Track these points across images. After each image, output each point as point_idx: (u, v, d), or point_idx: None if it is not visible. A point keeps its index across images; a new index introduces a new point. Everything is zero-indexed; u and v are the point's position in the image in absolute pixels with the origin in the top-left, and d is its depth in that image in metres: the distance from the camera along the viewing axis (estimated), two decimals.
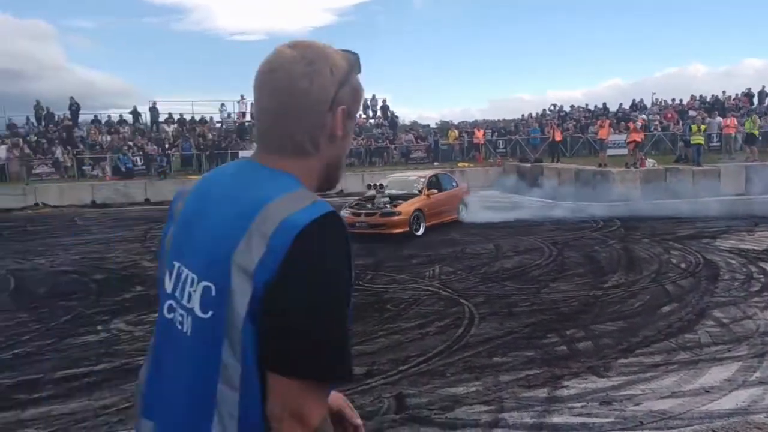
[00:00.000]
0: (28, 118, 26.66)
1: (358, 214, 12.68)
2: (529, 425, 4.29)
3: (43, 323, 7.08)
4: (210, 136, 26.81)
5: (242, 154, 25.16)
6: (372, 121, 30.93)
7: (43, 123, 26.49)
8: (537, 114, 33.37)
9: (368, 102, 30.87)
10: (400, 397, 4.76)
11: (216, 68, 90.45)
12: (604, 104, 32.67)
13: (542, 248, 10.99)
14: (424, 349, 5.88)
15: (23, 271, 10.24)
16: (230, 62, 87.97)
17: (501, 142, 28.36)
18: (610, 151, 22.59)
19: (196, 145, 25.77)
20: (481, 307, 7.31)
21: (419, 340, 6.19)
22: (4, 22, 72.11)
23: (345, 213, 12.23)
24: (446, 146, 27.88)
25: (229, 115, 29.90)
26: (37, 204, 20.02)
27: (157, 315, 1.29)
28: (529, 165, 23.48)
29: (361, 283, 8.72)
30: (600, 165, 20.31)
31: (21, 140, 24.20)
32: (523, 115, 32.15)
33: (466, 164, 25.84)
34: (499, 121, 34.26)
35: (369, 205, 13.26)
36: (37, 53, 78.47)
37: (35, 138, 24.71)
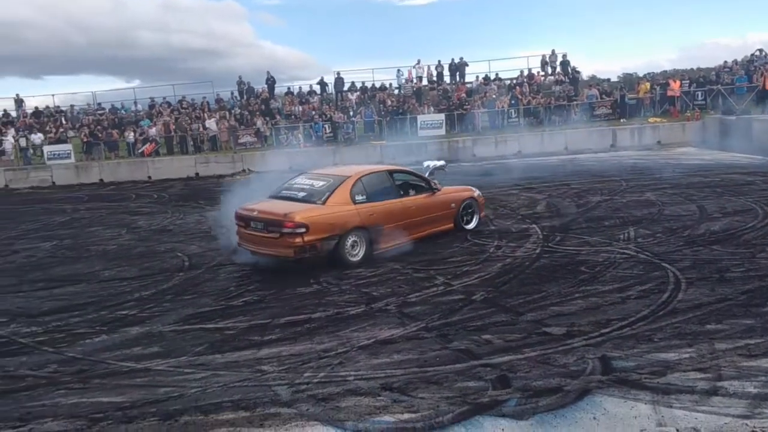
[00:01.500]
0: (232, 93, 29.63)
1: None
2: (753, 395, 4.02)
3: (262, 274, 8.03)
4: (389, 102, 27.66)
5: (420, 118, 25.69)
6: (551, 77, 29.61)
7: (244, 96, 29.27)
8: (742, 59, 29.44)
9: (546, 58, 29.58)
10: (605, 359, 4.70)
11: (391, 35, 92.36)
12: None
13: (755, 209, 9.90)
14: (625, 313, 5.71)
15: None
16: (404, 28, 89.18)
17: (699, 93, 25.58)
18: None
19: (377, 111, 26.77)
20: (688, 271, 6.85)
21: (619, 303, 6.00)
22: (203, 6, 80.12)
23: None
24: (634, 101, 25.85)
25: (406, 80, 30.52)
26: (244, 170, 22.37)
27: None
28: (734, 117, 20.96)
29: (550, 244, 8.61)
30: None
31: (227, 113, 27.04)
32: (726, 62, 28.55)
33: (658, 119, 23.79)
34: (695, 70, 30.84)
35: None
36: (232, 33, 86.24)
37: (239, 110, 27.42)
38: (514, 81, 28.70)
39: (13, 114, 29.56)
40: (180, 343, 5.70)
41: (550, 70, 29.79)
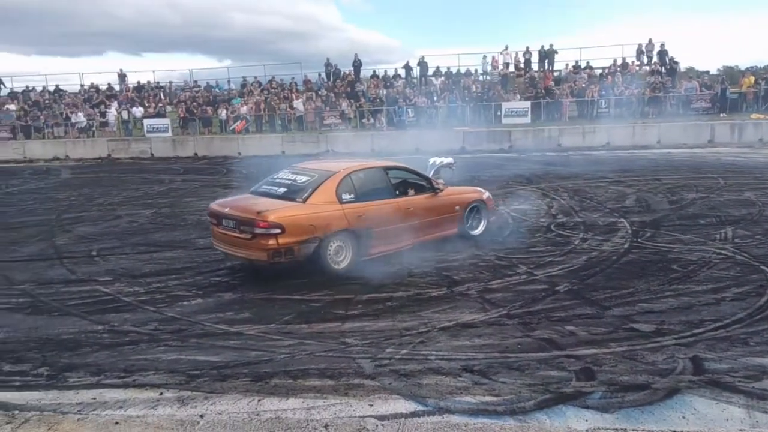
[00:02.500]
0: (319, 74, 30.20)
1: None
2: None
3: None
4: (474, 88, 27.35)
5: (505, 105, 25.25)
6: (647, 67, 28.26)
7: (331, 78, 29.77)
8: None
9: (643, 47, 28.23)
10: (697, 360, 4.55)
11: (479, 21, 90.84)
12: None
13: None
14: (720, 314, 5.47)
15: None
16: (493, 14, 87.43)
17: None
18: None
19: (461, 97, 26.54)
20: None
21: (714, 305, 5.76)
22: None
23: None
24: (736, 95, 24.30)
25: (492, 66, 30.02)
26: (327, 151, 22.84)
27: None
28: None
29: (639, 240, 8.33)
30: None
31: (314, 94, 27.62)
32: None
33: (761, 116, 22.28)
34: None
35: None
36: (318, 15, 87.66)
37: (325, 92, 27.94)
38: (606, 70, 27.63)
39: (116, 88, 31.42)
40: (269, 311, 5.98)
41: (645, 60, 28.46)
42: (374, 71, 30.52)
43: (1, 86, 32.00)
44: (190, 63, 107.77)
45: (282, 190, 7.33)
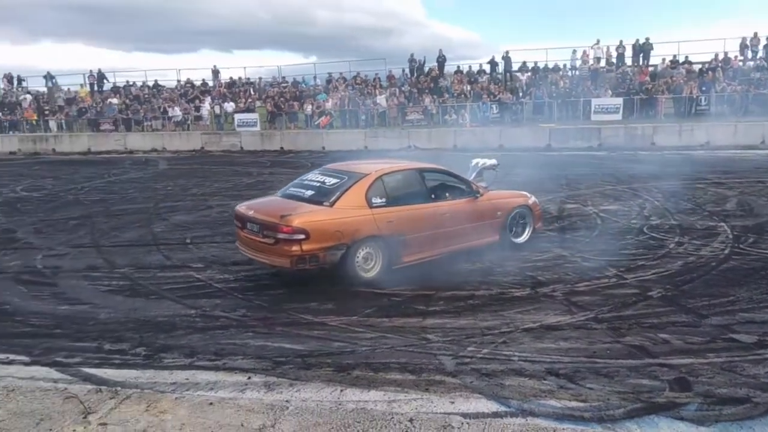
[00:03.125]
0: (403, 70, 30.29)
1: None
2: None
3: None
4: (562, 83, 26.54)
5: (595, 102, 24.35)
6: (751, 63, 26.40)
7: (414, 74, 29.78)
8: None
9: (747, 41, 26.36)
10: None
11: (568, 15, 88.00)
12: None
13: None
14: None
15: None
16: (583, 7, 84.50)
17: None
18: None
19: (548, 92, 25.83)
20: None
21: None
22: None
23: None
24: None
25: (582, 61, 29.00)
26: (410, 146, 22.89)
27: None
28: None
29: (741, 246, 7.81)
30: None
31: (397, 90, 27.73)
32: None
33: None
34: None
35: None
36: (401, 11, 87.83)
37: (408, 88, 27.99)
38: (706, 65, 26.03)
39: (210, 83, 32.86)
40: (351, 303, 6.07)
41: (750, 55, 26.59)
42: (458, 66, 30.24)
43: (105, 81, 34.25)
44: (278, 60, 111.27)
45: (309, 192, 6.97)
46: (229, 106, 28.96)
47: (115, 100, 31.30)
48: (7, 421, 3.38)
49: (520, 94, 26.07)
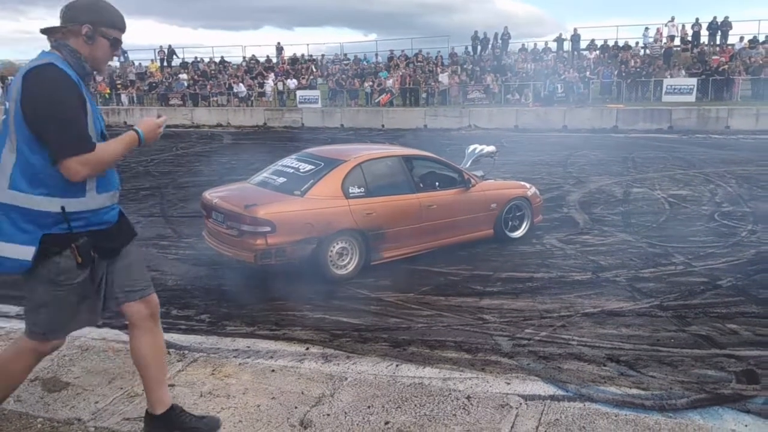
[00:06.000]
0: (466, 47, 29.84)
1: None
2: None
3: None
4: (632, 62, 25.52)
5: (666, 82, 23.33)
6: None
7: (477, 52, 29.28)
8: None
9: None
10: None
11: None
12: None
13: None
14: None
15: None
16: None
17: None
18: None
19: (618, 72, 24.91)
20: None
21: None
22: None
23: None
24: None
25: (655, 39, 27.76)
26: (470, 126, 22.62)
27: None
28: None
29: None
30: None
31: (459, 68, 27.36)
32: None
33: None
34: None
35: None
36: None
37: (470, 66, 27.57)
38: None
39: (274, 60, 33.32)
40: (408, 281, 6.10)
41: None
42: (523, 44, 29.54)
43: (174, 57, 35.27)
44: (338, 37, 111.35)
45: (281, 180, 6.45)
46: (292, 83, 29.34)
47: (183, 76, 32.23)
48: (82, 378, 3.59)
49: (587, 73, 25.23)
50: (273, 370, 3.67)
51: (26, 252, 2.43)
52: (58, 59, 2.46)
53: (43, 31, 2.57)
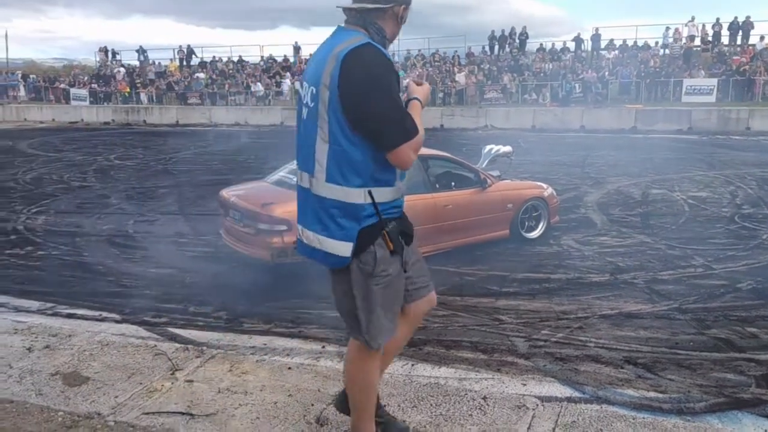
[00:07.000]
0: (483, 47, 29.72)
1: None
2: None
3: None
4: (652, 62, 25.26)
5: (687, 82, 23.07)
6: None
7: (495, 51, 29.16)
8: None
9: None
10: None
11: None
12: None
13: None
14: None
15: None
16: None
17: None
18: None
19: (637, 72, 24.67)
20: None
21: None
22: None
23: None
24: None
25: (675, 39, 27.45)
26: (486, 126, 22.54)
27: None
28: None
29: None
30: None
31: (476, 68, 27.27)
32: None
33: None
34: None
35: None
36: None
37: (488, 66, 27.46)
38: None
39: (291, 60, 33.45)
40: None
41: None
42: (541, 44, 29.39)
43: (193, 56, 35.56)
44: None
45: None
46: None
47: (202, 75, 32.47)
48: (101, 373, 3.64)
49: (606, 73, 25.02)
50: (290, 368, 3.69)
51: (346, 248, 2.33)
52: (368, 38, 2.28)
53: (347, 9, 2.40)
